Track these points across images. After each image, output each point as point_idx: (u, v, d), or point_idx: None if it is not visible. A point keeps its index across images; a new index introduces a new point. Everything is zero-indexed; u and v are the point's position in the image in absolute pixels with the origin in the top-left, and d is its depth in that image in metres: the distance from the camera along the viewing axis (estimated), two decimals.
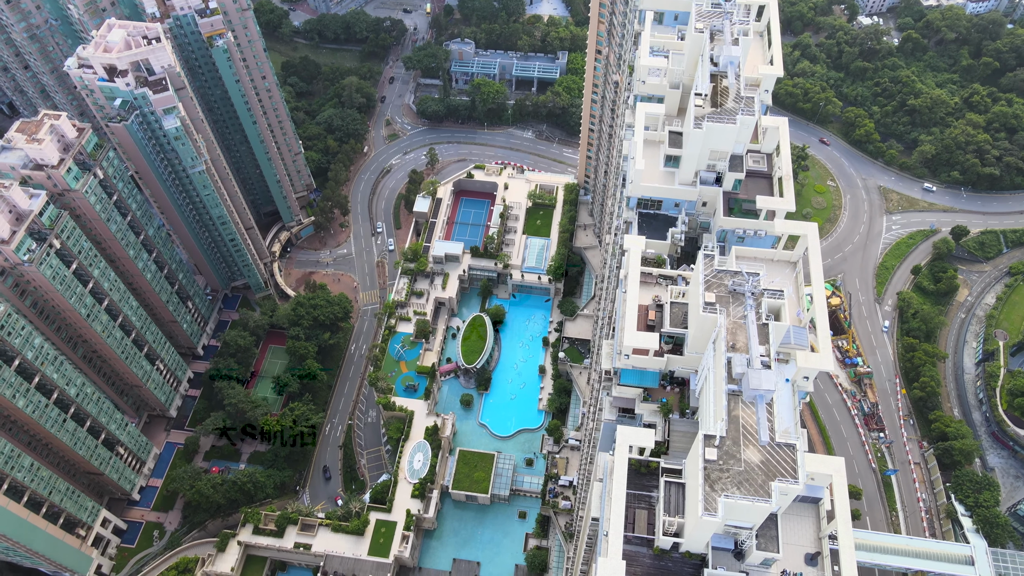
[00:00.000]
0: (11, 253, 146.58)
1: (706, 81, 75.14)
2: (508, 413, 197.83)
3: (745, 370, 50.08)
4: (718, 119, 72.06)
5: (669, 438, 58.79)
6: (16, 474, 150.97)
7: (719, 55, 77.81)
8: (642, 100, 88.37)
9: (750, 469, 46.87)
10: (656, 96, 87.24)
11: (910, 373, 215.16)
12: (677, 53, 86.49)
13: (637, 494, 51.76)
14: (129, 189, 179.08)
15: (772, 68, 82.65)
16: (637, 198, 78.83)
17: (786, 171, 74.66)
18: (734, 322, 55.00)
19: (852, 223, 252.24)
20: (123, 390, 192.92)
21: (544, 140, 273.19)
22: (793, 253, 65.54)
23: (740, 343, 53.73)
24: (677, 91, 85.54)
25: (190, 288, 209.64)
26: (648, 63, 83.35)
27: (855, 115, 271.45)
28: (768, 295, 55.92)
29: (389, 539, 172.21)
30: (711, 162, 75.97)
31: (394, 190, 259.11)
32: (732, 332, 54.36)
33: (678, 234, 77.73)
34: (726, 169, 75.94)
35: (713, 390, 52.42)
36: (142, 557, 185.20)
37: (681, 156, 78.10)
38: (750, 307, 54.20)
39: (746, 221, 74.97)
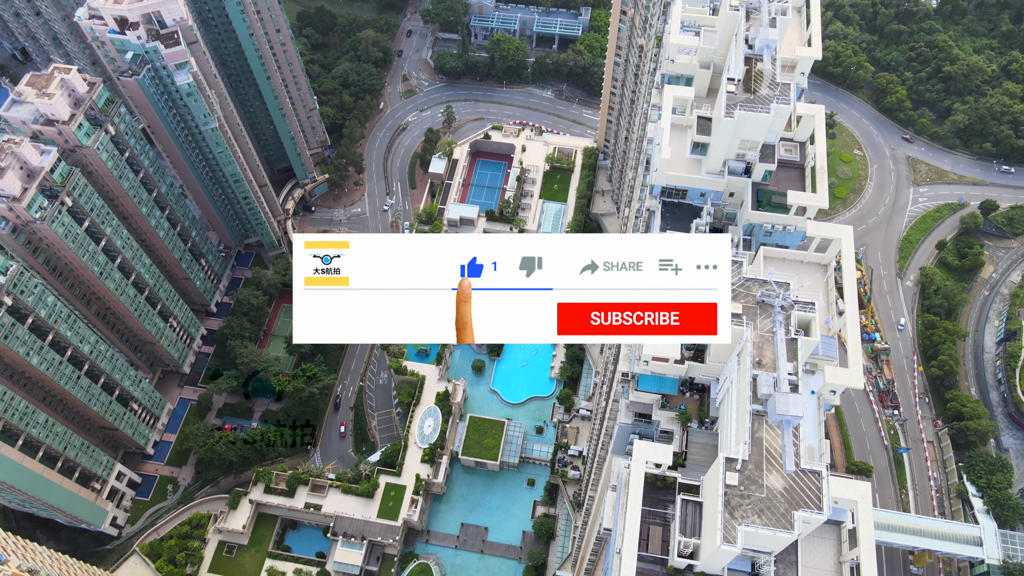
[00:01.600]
0: (23, 211, 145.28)
1: (739, 65, 70.95)
2: (519, 380, 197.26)
3: (772, 392, 47.78)
4: (751, 107, 68.15)
5: (687, 450, 56.99)
6: (31, 430, 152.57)
7: (755, 37, 73.28)
8: (670, 80, 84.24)
9: (772, 496, 45.05)
10: (685, 75, 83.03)
11: (928, 351, 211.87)
12: (709, 30, 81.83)
13: (652, 510, 50.26)
14: (141, 145, 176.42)
15: (810, 50, 77.99)
16: (661, 186, 75.55)
17: (820, 163, 70.87)
18: (761, 335, 52.50)
19: (878, 195, 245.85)
20: (137, 346, 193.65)
21: (564, 100, 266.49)
22: (825, 256, 62.44)
23: (767, 359, 51.32)
24: (707, 71, 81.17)
25: (203, 245, 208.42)
26: (678, 41, 78.96)
27: (887, 81, 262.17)
28: (798, 307, 53.26)
29: (398, 502, 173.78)
30: (741, 151, 72.26)
31: (410, 148, 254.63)
32: (758, 346, 51.88)
33: (702, 226, 74.59)
34: (756, 159, 72.26)
35: (736, 408, 50.31)
36: (156, 510, 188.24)
37: (709, 144, 74.38)
38: (779, 323, 51.59)
39: (775, 216, 71.60)
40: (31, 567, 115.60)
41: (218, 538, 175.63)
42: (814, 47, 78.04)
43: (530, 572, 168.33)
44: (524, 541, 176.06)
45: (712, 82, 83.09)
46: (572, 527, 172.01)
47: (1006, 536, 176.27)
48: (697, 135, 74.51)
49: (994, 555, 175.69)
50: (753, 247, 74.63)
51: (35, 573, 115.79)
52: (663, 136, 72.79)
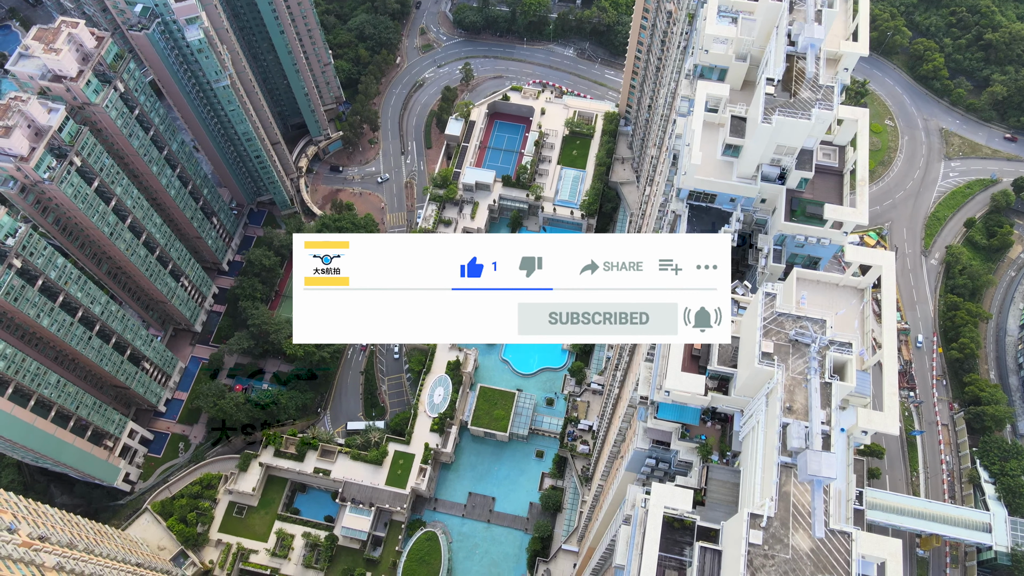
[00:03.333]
0: (31, 171, 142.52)
1: (780, 64, 65.86)
2: (531, 351, 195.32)
3: (803, 446, 44.83)
4: (790, 112, 63.45)
5: (707, 486, 54.62)
6: (43, 390, 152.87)
7: (798, 33, 67.94)
8: (703, 72, 79.05)
9: (798, 558, 42.66)
10: (719, 67, 77.85)
11: (949, 332, 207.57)
12: (748, 18, 76.21)
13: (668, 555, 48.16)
14: (151, 103, 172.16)
15: (856, 45, 72.55)
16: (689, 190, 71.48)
17: (862, 173, 66.32)
18: (792, 378, 49.34)
19: (907, 167, 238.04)
20: (148, 305, 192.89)
21: (586, 59, 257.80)
22: (862, 280, 58.61)
23: (798, 404, 48.25)
24: (744, 64, 76.04)
25: (215, 204, 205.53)
26: (714, 31, 73.52)
27: (924, 48, 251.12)
28: (835, 348, 49.89)
29: (407, 471, 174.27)
30: (776, 156, 67.75)
31: (426, 106, 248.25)
32: (789, 390, 48.73)
33: (730, 233, 70.68)
34: (792, 165, 67.76)
35: (762, 457, 47.51)
36: (168, 467, 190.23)
37: (743, 147, 69.87)
38: (814, 371, 48.28)
39: (810, 228, 67.42)
40: (41, 534, 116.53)
41: (228, 498, 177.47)
42: (861, 42, 72.67)
43: (536, 544, 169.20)
44: (531, 512, 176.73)
45: (748, 74, 78.03)
46: (579, 501, 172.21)
47: (1016, 524, 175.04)
48: (730, 137, 69.90)
49: (1003, 542, 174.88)
50: (784, 257, 70.86)
51: (46, 540, 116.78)
52: (694, 139, 68.28)
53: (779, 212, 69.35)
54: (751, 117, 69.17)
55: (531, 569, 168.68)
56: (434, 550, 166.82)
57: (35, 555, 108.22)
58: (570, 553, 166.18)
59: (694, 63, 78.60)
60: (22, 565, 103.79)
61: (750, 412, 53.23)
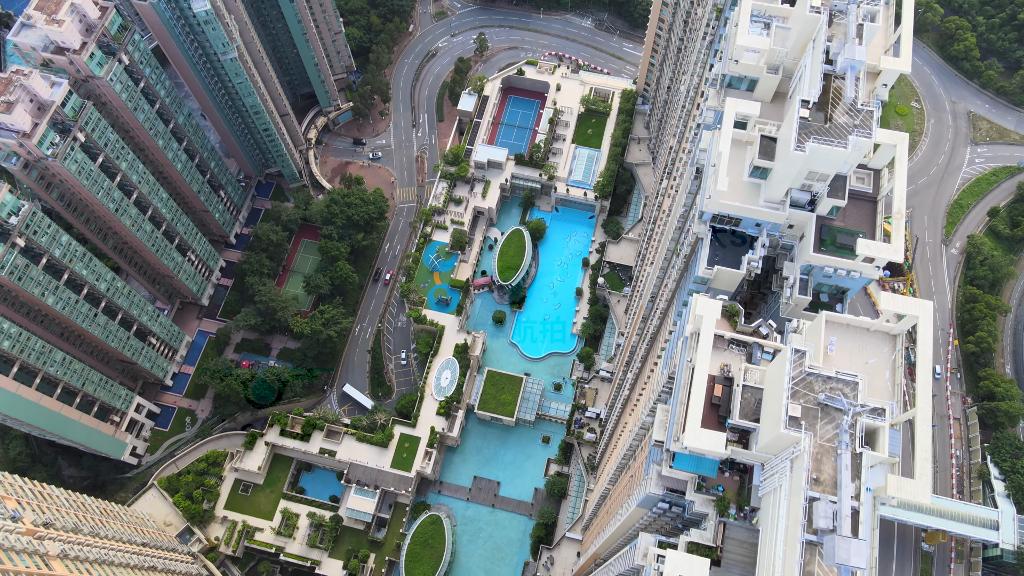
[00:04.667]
0: (34, 147, 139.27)
1: (816, 84, 61.41)
2: (540, 334, 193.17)
3: (831, 526, 42.17)
4: (826, 140, 59.38)
5: (723, 545, 52.33)
6: (48, 368, 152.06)
7: (837, 51, 63.35)
8: (732, 82, 74.51)
9: None
10: (749, 78, 73.32)
11: (966, 325, 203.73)
12: (782, 27, 71.37)
13: None
14: (157, 75, 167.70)
15: (897, 61, 67.73)
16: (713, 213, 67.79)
17: (899, 205, 62.35)
18: (820, 446, 46.51)
19: (931, 152, 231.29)
20: (155, 279, 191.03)
21: (604, 31, 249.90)
22: (896, 326, 55.27)
23: (825, 475, 45.47)
24: (775, 76, 71.49)
25: (222, 176, 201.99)
26: (746, 43, 68.90)
27: (956, 26, 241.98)
28: (867, 414, 46.85)
29: (412, 454, 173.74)
30: (807, 182, 63.93)
31: (439, 77, 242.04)
32: (817, 459, 45.98)
33: (755, 261, 67.19)
34: (824, 192, 63.94)
35: (785, 529, 44.92)
36: (175, 441, 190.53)
37: (772, 170, 65.96)
38: (845, 445, 45.34)
39: (839, 260, 63.72)
40: (46, 520, 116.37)
41: (234, 476, 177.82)
42: (903, 58, 67.92)
43: (540, 530, 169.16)
44: (536, 498, 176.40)
45: (780, 85, 73.56)
46: (585, 489, 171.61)
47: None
48: (759, 159, 65.84)
49: (1010, 540, 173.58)
50: (810, 288, 67.38)
51: (50, 525, 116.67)
52: (720, 163, 64.33)
53: (807, 240, 65.73)
54: (782, 139, 65.10)
55: (534, 555, 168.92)
56: (438, 534, 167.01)
57: (39, 544, 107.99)
58: (574, 541, 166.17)
59: (722, 72, 74.03)
60: (25, 556, 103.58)
61: (772, 469, 50.62)
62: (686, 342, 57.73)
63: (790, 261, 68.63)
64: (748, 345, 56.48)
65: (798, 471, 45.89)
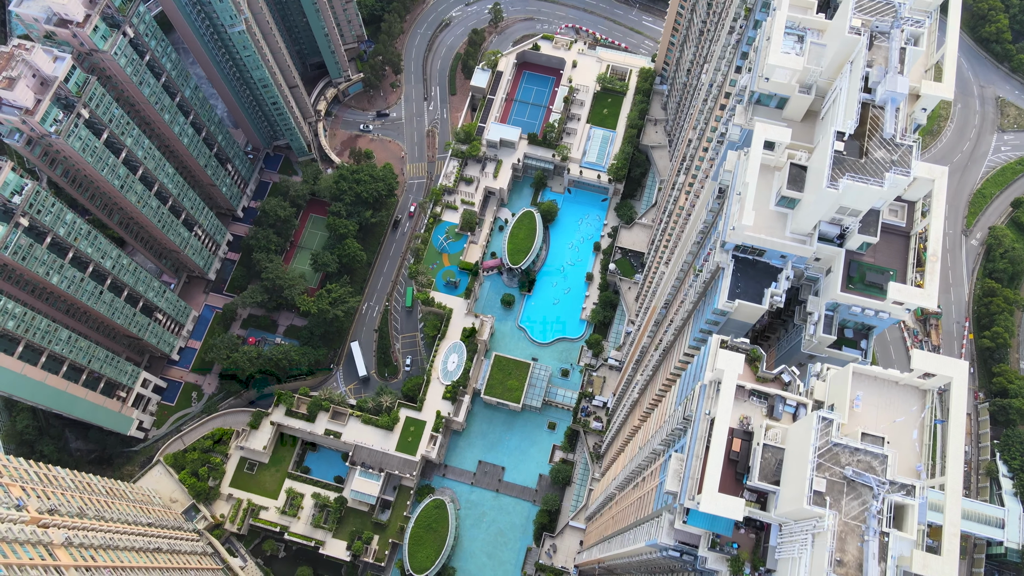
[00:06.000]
0: (37, 124, 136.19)
1: (852, 115, 57.56)
2: (549, 319, 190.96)
3: None
4: (861, 178, 55.91)
5: None
6: (54, 347, 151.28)
7: (877, 82, 59.29)
8: (760, 99, 70.61)
9: None
10: (779, 95, 69.40)
11: (983, 319, 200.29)
12: (817, 43, 67.07)
13: None
14: (163, 47, 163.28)
15: (939, 87, 63.58)
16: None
17: (934, 246, 59.05)
18: (845, 524, 44.34)
19: (956, 139, 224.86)
20: (161, 254, 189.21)
21: (623, 3, 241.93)
22: (927, 383, 52.61)
23: (849, 557, 43.32)
24: (807, 96, 67.53)
25: (230, 150, 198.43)
26: (778, 61, 64.80)
27: (988, 6, 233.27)
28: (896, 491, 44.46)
29: (418, 438, 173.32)
30: (838, 216, 60.61)
31: (452, 48, 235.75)
32: (841, 539, 43.86)
33: (778, 296, 64.23)
34: (855, 228, 60.65)
35: None
36: (181, 416, 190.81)
37: (800, 201, 62.58)
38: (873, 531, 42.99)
39: (868, 300, 60.69)
40: (51, 506, 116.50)
41: (240, 454, 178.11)
42: (945, 83, 63.83)
43: (543, 517, 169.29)
44: (540, 484, 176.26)
45: (812, 104, 69.66)
46: (589, 478, 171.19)
47: None
48: (787, 189, 62.42)
49: (1015, 539, 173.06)
50: (835, 326, 64.52)
51: (55, 512, 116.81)
52: (747, 193, 60.97)
53: (835, 276, 62.67)
54: (813, 169, 61.63)
55: (537, 542, 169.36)
56: (442, 518, 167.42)
57: (43, 534, 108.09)
58: (576, 530, 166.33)
59: (751, 88, 70.09)
60: (29, 547, 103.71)
61: (791, 535, 48.58)
62: (704, 390, 55.31)
63: (815, 295, 65.67)
64: (770, 397, 54.03)
65: (820, 549, 43.89)
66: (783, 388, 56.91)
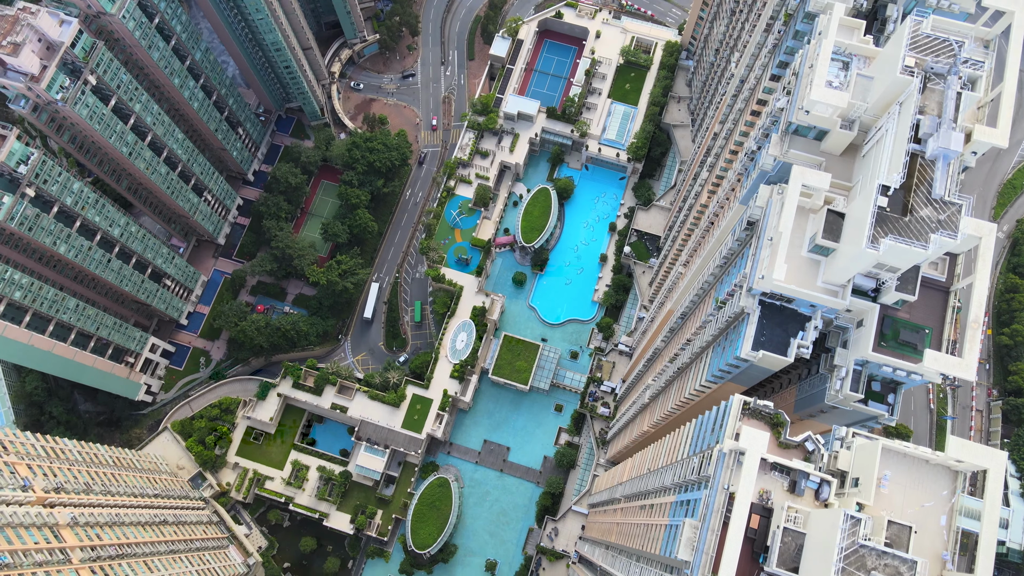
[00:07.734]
0: (43, 91, 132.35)
1: (899, 168, 53.60)
2: (560, 299, 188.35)
3: None
4: (904, 240, 52.40)
5: None
6: (62, 315, 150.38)
7: (928, 134, 55.04)
8: (799, 130, 66.30)
9: None
10: (818, 128, 65.12)
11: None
12: (863, 75, 62.47)
13: None
14: (173, 8, 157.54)
15: (993, 133, 59.13)
16: None
17: (976, 313, 55.79)
18: None
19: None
20: (170, 218, 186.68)
21: None
22: (960, 463, 50.15)
23: None
24: (850, 132, 63.25)
25: (241, 113, 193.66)
26: (820, 97, 60.28)
27: None
28: None
29: (424, 416, 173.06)
30: (875, 271, 57.28)
31: (472, 10, 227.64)
32: None
33: (804, 347, 61.32)
34: (893, 285, 57.33)
35: None
36: (189, 381, 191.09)
37: (835, 251, 59.09)
38: None
39: (901, 361, 57.85)
40: (57, 484, 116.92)
41: (246, 423, 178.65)
42: (1000, 130, 59.41)
43: (546, 499, 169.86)
44: (544, 466, 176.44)
45: (855, 139, 65.47)
46: (594, 463, 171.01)
47: None
48: (823, 238, 58.87)
49: (1018, 540, 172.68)
50: (862, 384, 61.72)
51: (61, 490, 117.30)
52: (780, 241, 57.49)
53: (867, 332, 59.62)
54: (851, 218, 57.98)
55: (539, 523, 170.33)
56: (445, 496, 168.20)
57: (48, 515, 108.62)
58: (579, 515, 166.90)
59: (789, 119, 65.85)
60: (34, 530, 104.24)
61: None
62: (723, 458, 52.97)
63: (843, 347, 62.72)
64: (792, 472, 51.70)
65: None
66: (806, 455, 54.54)
